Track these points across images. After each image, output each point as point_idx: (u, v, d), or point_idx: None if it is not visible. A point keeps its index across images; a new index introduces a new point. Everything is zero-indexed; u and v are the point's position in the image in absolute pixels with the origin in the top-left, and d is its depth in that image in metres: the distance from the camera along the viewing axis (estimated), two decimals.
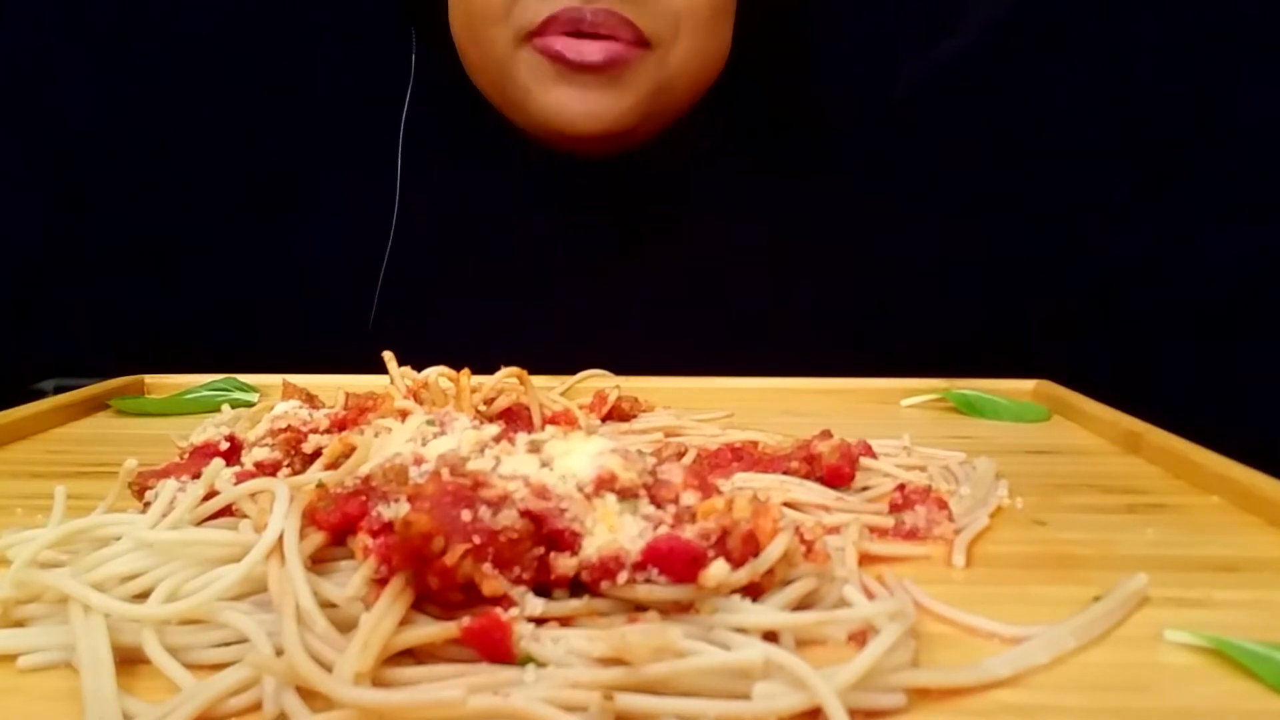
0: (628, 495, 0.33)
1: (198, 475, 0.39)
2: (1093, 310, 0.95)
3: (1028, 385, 0.72)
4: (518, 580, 0.31)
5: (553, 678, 0.28)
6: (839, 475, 0.47)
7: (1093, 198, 0.96)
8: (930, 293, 0.87)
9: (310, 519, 0.34)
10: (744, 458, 0.50)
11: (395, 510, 0.31)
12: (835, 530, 0.41)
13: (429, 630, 0.29)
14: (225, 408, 0.64)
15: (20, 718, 0.28)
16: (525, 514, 0.32)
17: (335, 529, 0.33)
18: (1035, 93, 0.96)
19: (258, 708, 0.28)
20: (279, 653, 0.28)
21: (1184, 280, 0.94)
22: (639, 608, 0.31)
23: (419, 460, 0.35)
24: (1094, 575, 0.38)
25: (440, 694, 0.26)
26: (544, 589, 0.32)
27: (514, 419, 0.55)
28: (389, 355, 0.55)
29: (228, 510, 0.37)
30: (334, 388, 0.54)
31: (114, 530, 0.36)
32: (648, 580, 0.31)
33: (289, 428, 0.44)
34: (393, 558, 0.30)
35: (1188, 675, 0.30)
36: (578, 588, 0.32)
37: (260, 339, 0.86)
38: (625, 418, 0.62)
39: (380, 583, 0.30)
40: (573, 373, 0.70)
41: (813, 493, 0.45)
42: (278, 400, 0.52)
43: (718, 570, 0.31)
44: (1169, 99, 0.93)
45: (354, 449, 0.38)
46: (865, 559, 0.39)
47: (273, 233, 0.89)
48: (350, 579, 0.31)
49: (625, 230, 0.83)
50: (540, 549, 0.32)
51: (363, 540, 0.32)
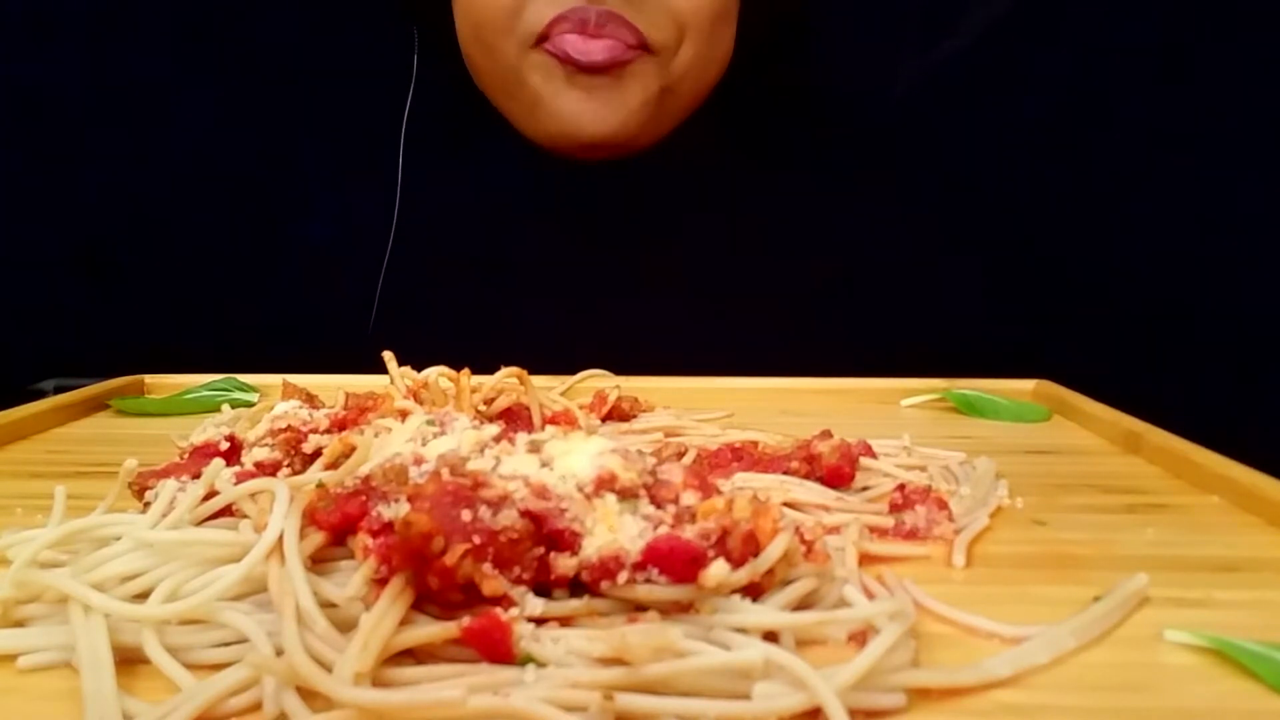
0: (628, 495, 0.33)
1: (198, 475, 0.39)
2: (1093, 310, 0.95)
3: (1028, 385, 0.72)
4: (518, 580, 0.31)
5: (553, 678, 0.28)
6: (839, 475, 0.47)
7: (1093, 197, 0.96)
8: (930, 293, 0.87)
9: (310, 519, 0.34)
10: (744, 458, 0.50)
11: (395, 510, 0.31)
12: (835, 530, 0.41)
13: (429, 630, 0.29)
14: (225, 408, 0.64)
15: (20, 718, 0.28)
16: (525, 514, 0.32)
17: (335, 529, 0.33)
18: (1036, 92, 0.96)
19: (258, 708, 0.28)
20: (279, 653, 0.28)
21: (1184, 280, 0.94)
22: (639, 608, 0.31)
23: (419, 460, 0.35)
24: (1094, 575, 0.38)
25: (440, 694, 0.26)
26: (544, 589, 0.32)
27: (514, 419, 0.55)
28: (389, 355, 0.55)
29: (228, 510, 0.37)
30: (334, 388, 0.54)
31: (114, 530, 0.36)
32: (648, 580, 0.31)
33: (289, 428, 0.44)
34: (393, 558, 0.30)
35: (1188, 675, 0.30)
36: (578, 588, 0.32)
37: (260, 339, 0.86)
38: (625, 418, 0.62)
39: (380, 583, 0.30)
40: (573, 373, 0.70)
41: (813, 493, 0.45)
42: (278, 400, 0.52)
43: (718, 570, 0.31)
44: (1170, 99, 0.93)
45: (354, 449, 0.38)
46: (865, 559, 0.39)
47: (273, 233, 0.89)
48: (350, 579, 0.31)
49: (626, 231, 0.83)
50: (540, 549, 0.32)
51: (363, 540, 0.32)
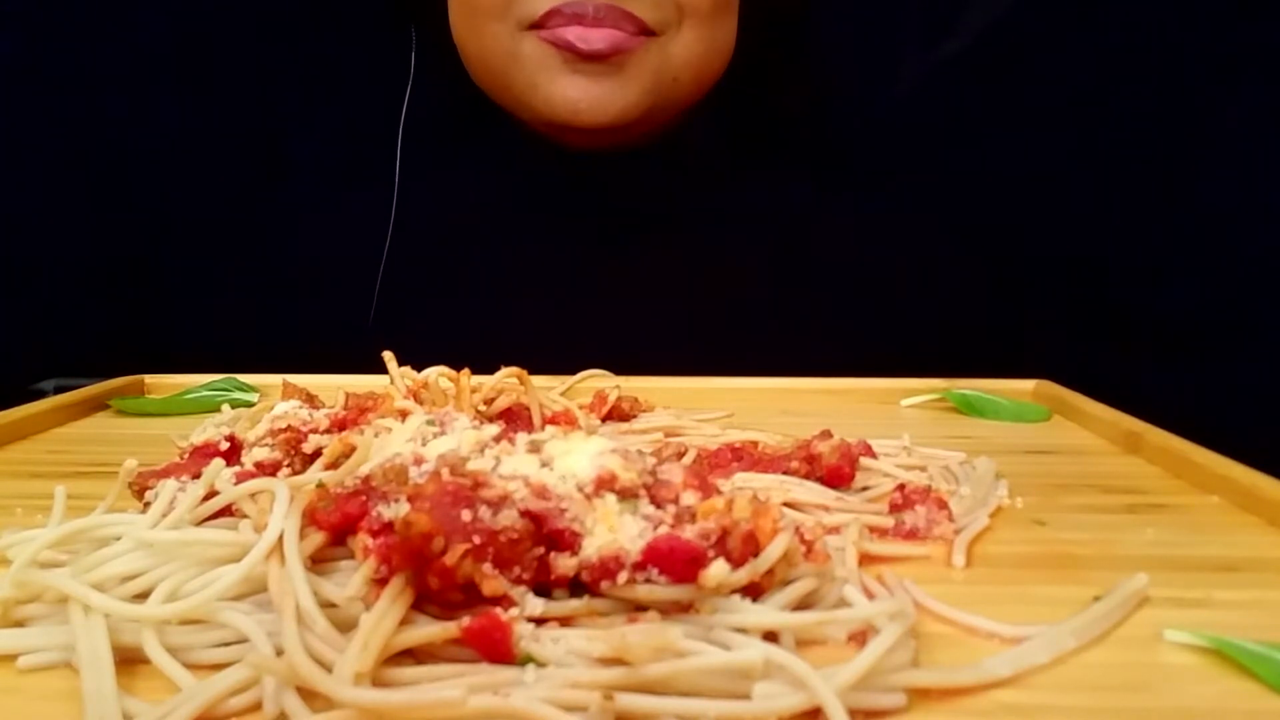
0: (628, 495, 0.33)
1: (198, 475, 0.39)
2: (1093, 310, 0.95)
3: (1028, 385, 0.72)
4: (518, 580, 0.31)
5: (553, 678, 0.28)
6: (839, 475, 0.47)
7: (1093, 198, 0.96)
8: (930, 293, 0.87)
9: (310, 519, 0.34)
10: (744, 458, 0.50)
11: (395, 510, 0.31)
12: (835, 530, 0.41)
13: (429, 630, 0.29)
14: (225, 408, 0.64)
15: (20, 718, 0.28)
16: (525, 514, 0.32)
17: (335, 529, 0.33)
18: (1036, 92, 0.96)
19: (258, 708, 0.28)
20: (279, 653, 0.28)
21: (1184, 280, 0.94)
22: (639, 608, 0.31)
23: (419, 460, 0.35)
24: (1094, 575, 0.38)
25: (440, 694, 0.26)
26: (544, 589, 0.32)
27: (514, 419, 0.55)
28: (389, 355, 0.55)
29: (228, 510, 0.37)
30: (334, 388, 0.54)
31: (114, 530, 0.36)
32: (648, 580, 0.31)
33: (289, 428, 0.44)
34: (393, 558, 0.30)
35: (1188, 675, 0.30)
36: (578, 588, 0.32)
37: (260, 339, 0.86)
38: (625, 418, 0.62)
39: (380, 583, 0.30)
40: (573, 373, 0.70)
41: (813, 493, 0.45)
42: (278, 400, 0.52)
43: (718, 570, 0.31)
44: (1170, 99, 0.93)
45: (354, 449, 0.38)
46: (865, 559, 0.39)
47: (272, 232, 0.89)
48: (350, 579, 0.31)
49: (626, 229, 0.83)
50: (540, 549, 0.32)
51: (363, 540, 0.32)
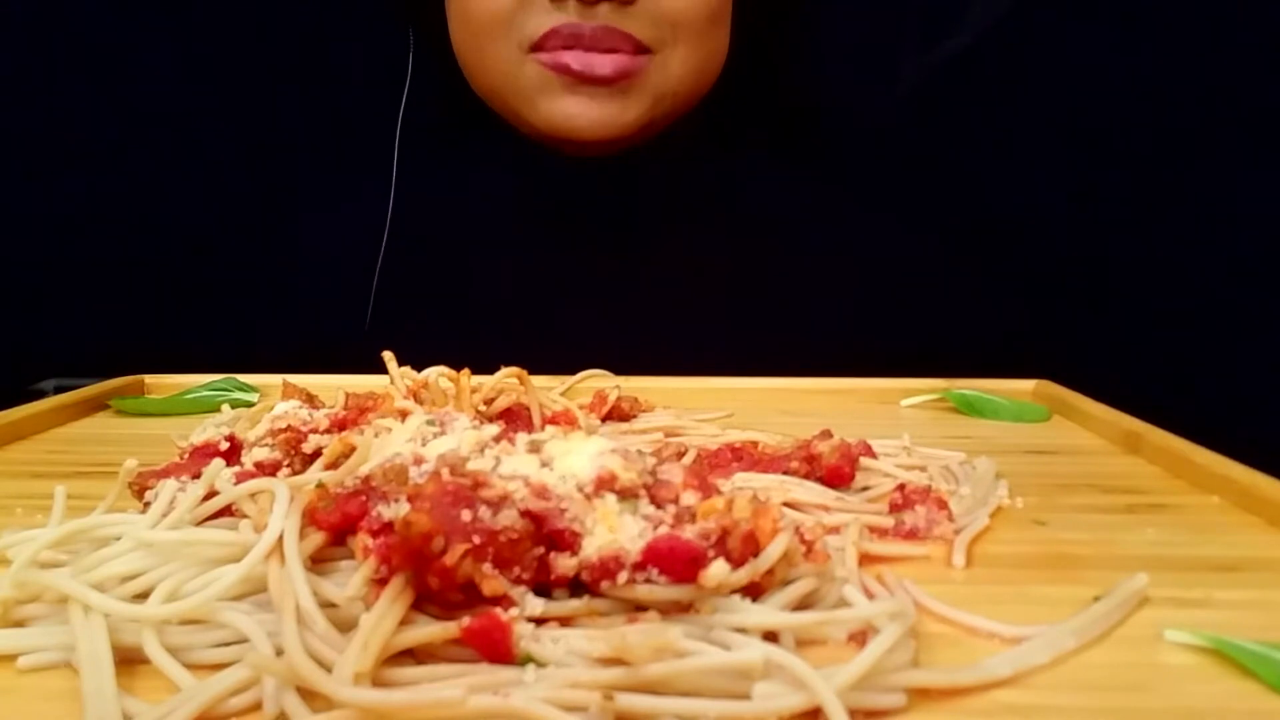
0: (628, 495, 0.33)
1: (198, 475, 0.39)
2: (1093, 310, 0.95)
3: (1028, 385, 0.72)
4: (518, 580, 0.31)
5: (553, 678, 0.28)
6: (839, 475, 0.47)
7: (1093, 197, 0.96)
8: (930, 293, 0.87)
9: (310, 519, 0.34)
10: (744, 458, 0.50)
11: (395, 510, 0.31)
12: (835, 530, 0.41)
13: (429, 630, 0.29)
14: (225, 408, 0.64)
15: (20, 718, 0.28)
16: (525, 514, 0.32)
17: (335, 529, 0.33)
18: (1036, 92, 0.96)
19: (258, 708, 0.28)
20: (279, 653, 0.28)
21: (1185, 280, 0.94)
22: (639, 608, 0.31)
23: (419, 460, 0.35)
24: (1094, 575, 0.38)
25: (440, 694, 0.26)
26: (544, 589, 0.32)
27: (514, 419, 0.55)
28: (389, 355, 0.55)
29: (228, 510, 0.37)
30: (334, 388, 0.54)
31: (114, 530, 0.36)
32: (648, 580, 0.31)
33: (289, 428, 0.44)
34: (393, 558, 0.30)
35: (1188, 675, 0.30)
36: (578, 588, 0.32)
37: (259, 339, 0.86)
38: (625, 418, 0.62)
39: (380, 583, 0.30)
40: (573, 373, 0.70)
41: (813, 493, 0.45)
42: (278, 400, 0.52)
43: (718, 570, 0.31)
44: (1170, 99, 0.93)
45: (354, 449, 0.38)
46: (865, 559, 0.39)
47: (270, 233, 0.89)
48: (350, 579, 0.31)
49: (624, 229, 0.83)
50: (540, 549, 0.32)
51: (363, 540, 0.32)
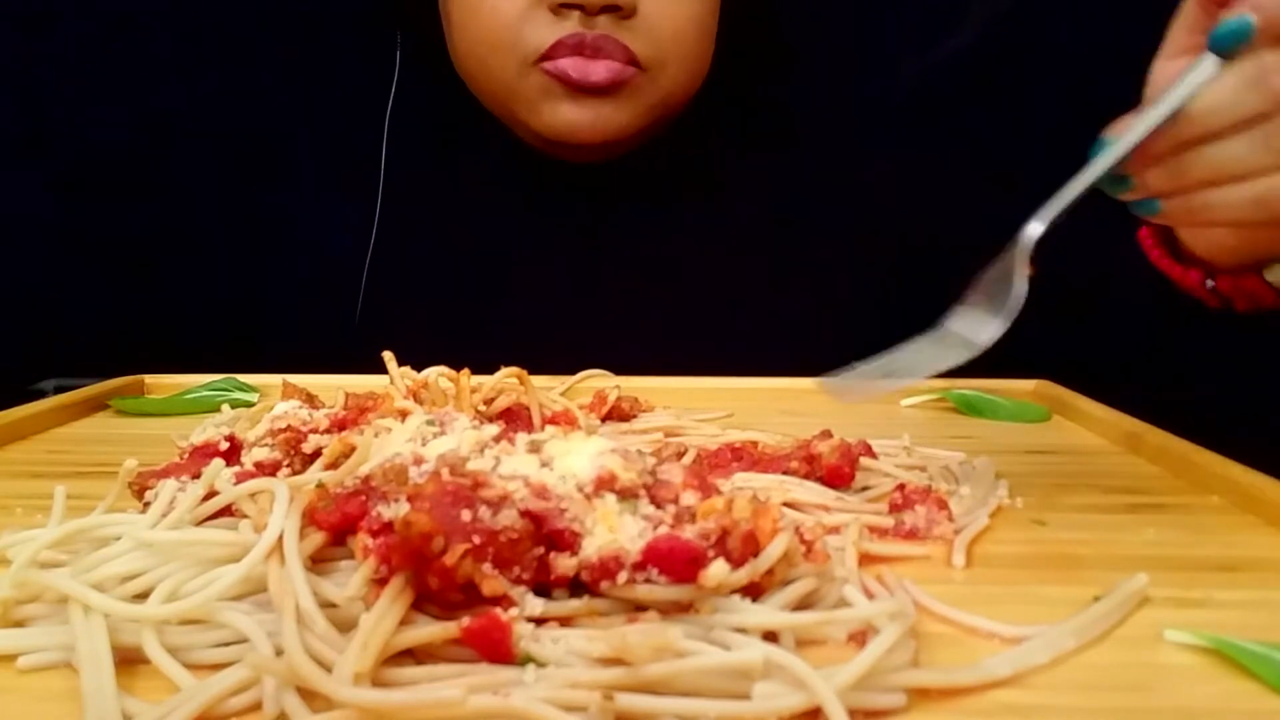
0: (628, 495, 0.33)
1: (198, 475, 0.39)
2: (1093, 310, 0.95)
3: (1028, 385, 0.72)
4: (517, 580, 0.31)
5: (553, 678, 0.28)
6: (839, 475, 0.47)
7: (1093, 196, 0.96)
8: (930, 292, 0.87)
9: (310, 519, 0.34)
10: (744, 458, 0.50)
11: (395, 510, 0.31)
12: (835, 530, 0.41)
13: (429, 630, 0.29)
14: (225, 408, 0.64)
15: (20, 718, 0.28)
16: (525, 514, 0.32)
17: (335, 529, 0.33)
18: (1033, 92, 0.96)
19: (258, 708, 0.28)
20: (279, 653, 0.28)
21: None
22: (639, 608, 0.31)
23: (419, 460, 0.35)
24: (1094, 575, 0.38)
25: (440, 694, 0.26)
26: (544, 589, 0.32)
27: (514, 419, 0.55)
28: (389, 355, 0.55)
29: (228, 510, 0.37)
30: (334, 387, 0.54)
31: (114, 530, 0.36)
32: (648, 580, 0.31)
33: (289, 427, 0.44)
34: (393, 558, 0.30)
35: (1188, 675, 0.30)
36: (578, 588, 0.32)
37: (255, 340, 0.86)
38: (625, 418, 0.62)
39: (380, 583, 0.30)
40: (573, 373, 0.70)
41: (813, 493, 0.45)
42: (278, 400, 0.52)
43: (717, 570, 0.31)
44: None
45: (353, 449, 0.38)
46: (865, 559, 0.39)
47: (266, 234, 0.89)
48: (350, 579, 0.31)
49: (623, 230, 0.83)
50: (540, 549, 0.32)
51: (363, 540, 0.32)
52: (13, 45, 0.97)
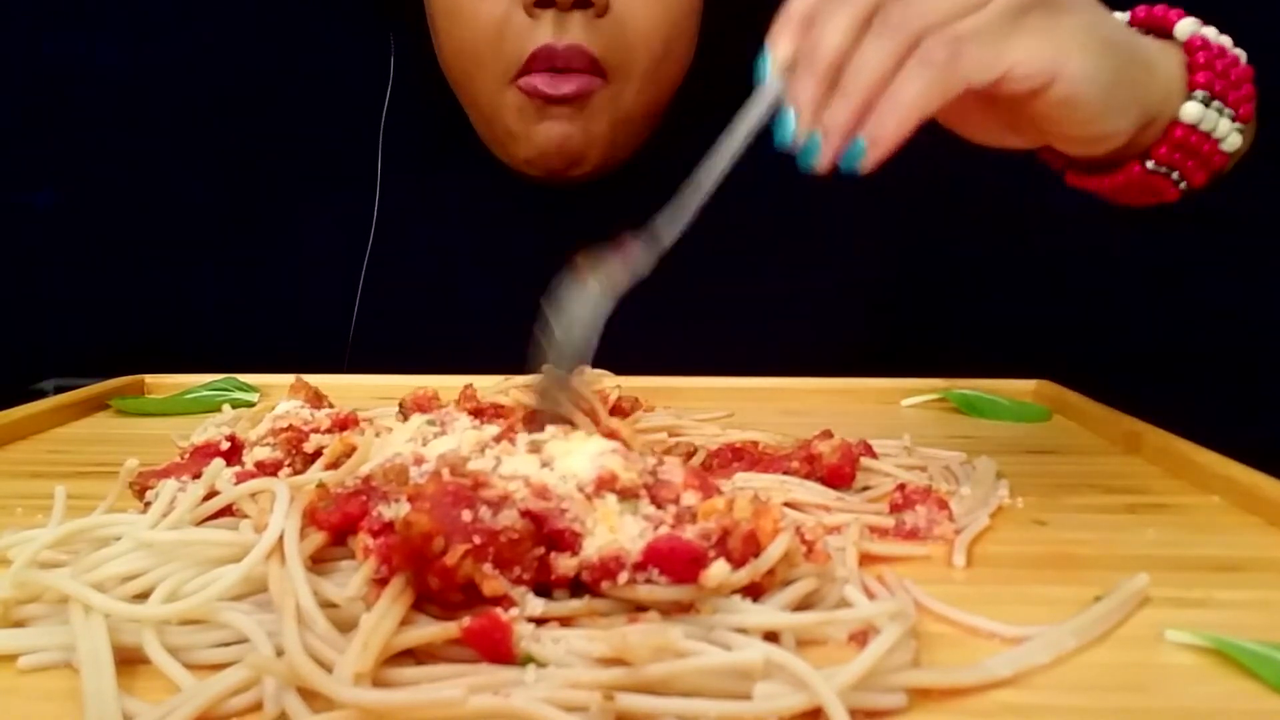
0: (628, 495, 0.33)
1: (199, 475, 0.39)
2: (1093, 310, 0.95)
3: (1028, 385, 0.72)
4: (518, 580, 0.31)
5: (553, 678, 0.28)
6: (839, 475, 0.47)
7: (1093, 195, 0.96)
8: (930, 292, 0.87)
9: (310, 519, 0.34)
10: (744, 458, 0.50)
11: (396, 510, 0.31)
12: (835, 530, 0.41)
13: (429, 630, 0.29)
14: (225, 408, 0.64)
15: (20, 718, 0.28)
16: (525, 514, 0.32)
17: (336, 529, 0.33)
18: None
19: (258, 708, 0.28)
20: (279, 653, 0.28)
21: (1184, 279, 0.94)
22: (639, 608, 0.31)
23: (419, 460, 0.35)
24: (1094, 575, 0.38)
25: (440, 694, 0.26)
26: (544, 589, 0.32)
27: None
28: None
29: (228, 510, 0.37)
30: (338, 387, 0.54)
31: (115, 530, 0.36)
32: (648, 580, 0.31)
33: (290, 427, 0.44)
34: (393, 558, 0.30)
35: (1188, 675, 0.30)
36: (578, 588, 0.32)
37: (254, 341, 0.86)
38: (626, 418, 0.61)
39: (380, 583, 0.30)
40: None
41: (813, 493, 0.45)
42: (278, 400, 0.52)
43: (718, 571, 0.31)
44: None
45: (354, 449, 0.38)
46: (866, 559, 0.39)
47: (264, 236, 0.89)
48: (350, 579, 0.31)
49: (619, 229, 0.83)
50: (540, 549, 0.32)
51: (363, 540, 0.32)
52: (13, 45, 0.97)
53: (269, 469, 0.42)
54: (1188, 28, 0.49)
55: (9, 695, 0.29)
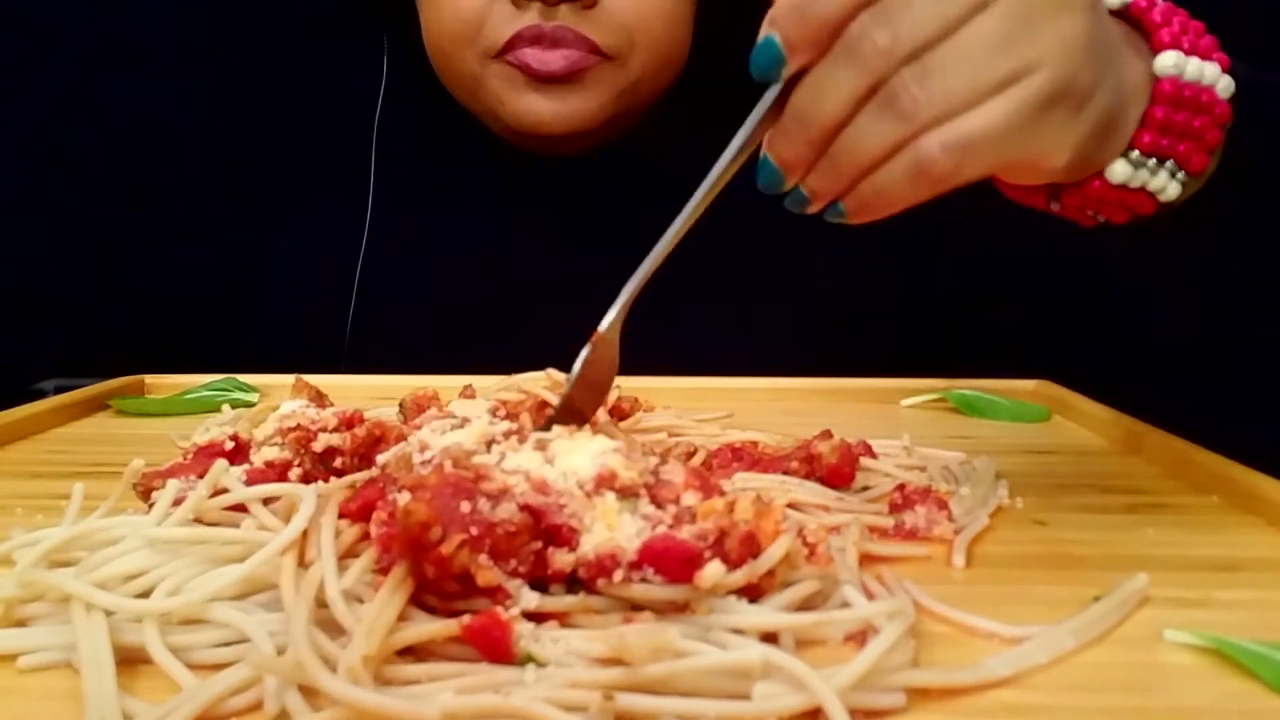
0: (628, 494, 0.33)
1: (203, 474, 0.39)
2: (1093, 310, 0.95)
3: (1028, 385, 0.72)
4: (514, 573, 0.31)
5: (553, 678, 0.28)
6: (839, 475, 0.47)
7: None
8: (930, 292, 0.87)
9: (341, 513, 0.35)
10: (744, 458, 0.50)
11: (401, 499, 0.32)
12: (835, 530, 0.41)
13: (430, 627, 0.29)
14: (225, 408, 0.64)
15: (20, 718, 0.28)
16: (524, 508, 0.32)
17: (356, 517, 0.34)
18: None
19: (258, 707, 0.28)
20: (280, 651, 0.28)
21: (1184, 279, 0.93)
22: (635, 607, 0.31)
23: (424, 447, 0.36)
24: (1094, 575, 0.38)
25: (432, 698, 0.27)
26: (540, 584, 0.32)
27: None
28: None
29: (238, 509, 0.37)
30: (342, 387, 0.54)
31: (121, 532, 0.36)
32: (643, 580, 0.31)
33: (299, 426, 0.44)
34: (392, 546, 0.30)
35: (1188, 675, 0.30)
36: (574, 584, 0.32)
37: (252, 341, 0.86)
38: (625, 418, 0.62)
39: (382, 571, 0.31)
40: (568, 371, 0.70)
41: (813, 493, 0.45)
42: (277, 400, 0.52)
43: (713, 571, 0.31)
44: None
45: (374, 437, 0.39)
46: (865, 559, 0.39)
47: (262, 236, 0.89)
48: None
49: (617, 226, 0.83)
50: (538, 543, 0.32)
51: (377, 523, 0.32)
52: (10, 48, 0.97)
53: (279, 469, 0.43)
54: (1167, 65, 0.42)
55: (9, 695, 0.29)
